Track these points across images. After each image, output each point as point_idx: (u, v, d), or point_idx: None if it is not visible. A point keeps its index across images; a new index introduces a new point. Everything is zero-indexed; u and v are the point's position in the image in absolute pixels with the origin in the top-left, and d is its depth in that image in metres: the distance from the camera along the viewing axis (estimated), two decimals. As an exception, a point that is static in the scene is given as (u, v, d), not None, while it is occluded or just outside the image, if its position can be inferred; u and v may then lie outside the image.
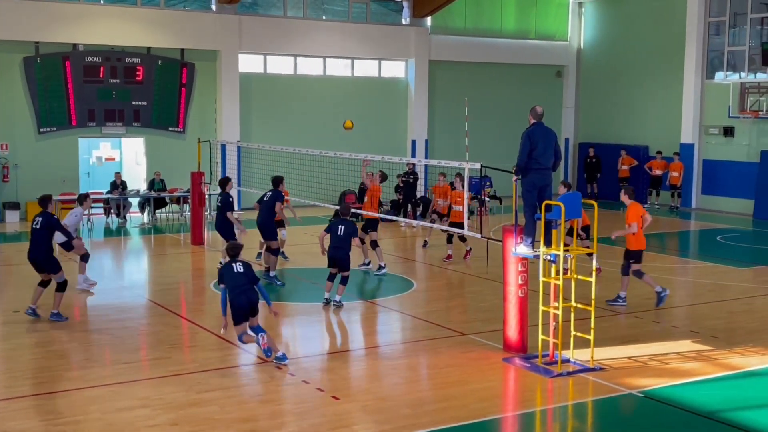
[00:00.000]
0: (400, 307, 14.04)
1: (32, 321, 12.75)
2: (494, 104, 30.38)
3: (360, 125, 28.37)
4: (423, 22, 29.24)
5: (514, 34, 31.06)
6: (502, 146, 27.54)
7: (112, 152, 26.28)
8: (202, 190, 20.31)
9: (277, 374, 10.31)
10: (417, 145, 29.24)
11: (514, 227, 10.80)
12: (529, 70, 31.41)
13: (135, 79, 24.85)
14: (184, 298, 15.08)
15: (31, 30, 23.31)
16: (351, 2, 28.32)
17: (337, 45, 27.86)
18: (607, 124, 31.04)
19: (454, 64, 30.07)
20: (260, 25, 26.59)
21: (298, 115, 27.47)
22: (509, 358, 10.78)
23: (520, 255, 10.77)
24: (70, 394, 9.46)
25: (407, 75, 29.39)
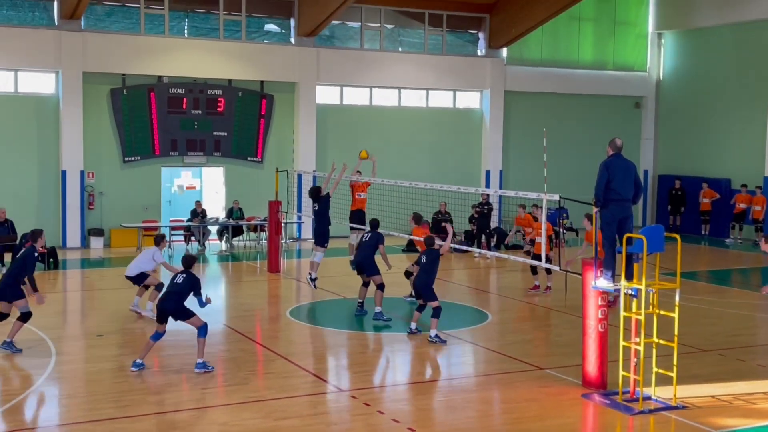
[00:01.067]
0: (474, 339, 13.93)
1: (116, 345, 13.07)
2: (571, 135, 30.09)
3: (434, 155, 28.51)
4: (499, 53, 29.25)
5: (592, 64, 30.80)
6: (578, 178, 27.19)
7: (193, 181, 26.90)
8: (279, 219, 20.61)
9: (352, 404, 10.33)
10: (491, 176, 29.13)
11: (594, 260, 10.64)
12: (607, 101, 31.06)
13: (216, 110, 25.46)
14: (260, 325, 15.27)
15: (119, 62, 24.15)
16: (427, 34, 28.54)
17: (413, 76, 28.06)
18: (687, 157, 30.40)
19: (530, 94, 29.94)
20: (337, 58, 27.00)
21: (373, 145, 27.63)
22: (588, 394, 10.58)
23: (599, 289, 10.60)
24: (151, 418, 9.64)
25: (482, 105, 29.39)
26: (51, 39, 23.32)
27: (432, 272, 13.72)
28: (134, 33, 24.54)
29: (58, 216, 23.79)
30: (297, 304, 17.02)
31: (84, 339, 13.73)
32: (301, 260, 22.73)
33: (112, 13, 24.74)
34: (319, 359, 12.91)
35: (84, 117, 23.75)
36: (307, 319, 15.51)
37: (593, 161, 10.85)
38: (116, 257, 22.44)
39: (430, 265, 13.73)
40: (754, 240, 26.81)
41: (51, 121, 23.74)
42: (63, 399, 10.55)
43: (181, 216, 25.30)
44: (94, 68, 23.83)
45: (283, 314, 15.79)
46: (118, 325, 14.62)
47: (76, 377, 11.41)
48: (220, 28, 25.56)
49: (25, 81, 23.66)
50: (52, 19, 23.71)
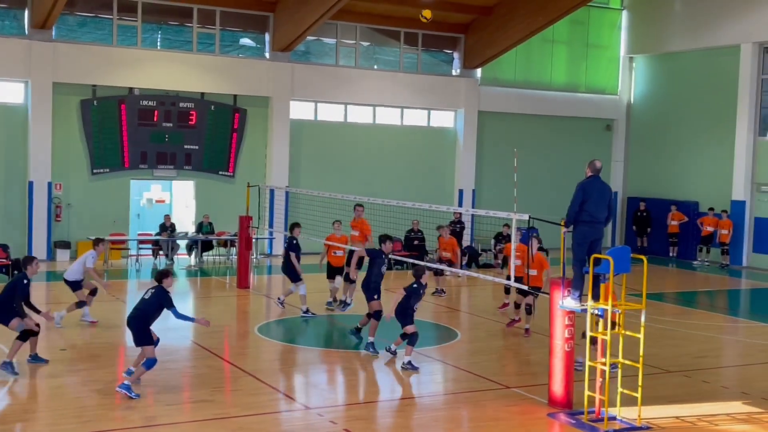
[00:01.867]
0: (443, 357, 13.91)
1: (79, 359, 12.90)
2: (543, 156, 30.32)
3: (408, 173, 28.57)
4: (473, 73, 29.44)
5: (564, 86, 31.09)
6: (549, 198, 27.36)
7: (162, 194, 26.72)
8: (250, 235, 20.50)
9: (319, 422, 10.25)
10: (464, 195, 29.24)
11: (561, 280, 10.68)
12: (579, 123, 31.36)
13: (188, 123, 25.33)
14: (228, 342, 15.12)
15: (89, 73, 23.98)
16: (402, 52, 28.66)
17: (388, 94, 28.15)
18: (656, 179, 30.73)
19: (504, 115, 30.14)
20: (312, 73, 27.02)
21: (347, 162, 27.71)
22: (554, 414, 10.59)
23: (567, 308, 10.64)
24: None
25: (456, 125, 29.54)
26: (21, 48, 23.11)
27: (413, 296, 13.17)
28: (106, 44, 24.40)
29: (24, 227, 23.49)
30: (266, 320, 16.90)
31: (47, 353, 13.50)
32: (271, 276, 22.61)
33: (84, 24, 24.59)
34: (287, 377, 12.82)
35: (53, 127, 23.53)
36: (276, 335, 15.40)
37: (565, 182, 10.99)
38: (83, 270, 22.13)
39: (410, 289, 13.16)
40: (720, 263, 27.10)
41: (19, 131, 23.48)
42: (24, 414, 10.36)
43: (149, 230, 25.08)
44: (65, 78, 23.64)
45: (251, 331, 15.67)
46: (82, 339, 14.42)
47: (39, 392, 11.22)
48: (193, 40, 25.49)
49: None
50: (22, 29, 23.51)
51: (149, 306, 11.46)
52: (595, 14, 31.22)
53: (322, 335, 15.62)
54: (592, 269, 10.15)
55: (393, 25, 28.24)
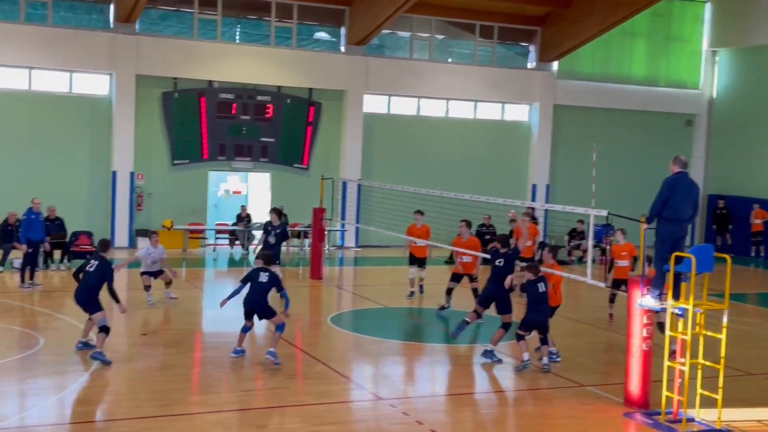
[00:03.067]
0: (515, 353, 13.80)
1: (160, 344, 13.24)
2: (620, 151, 29.77)
3: (481, 167, 28.39)
4: (549, 66, 29.09)
5: (644, 80, 30.46)
6: (627, 194, 26.86)
7: (239, 186, 27.17)
8: (323, 226, 20.69)
9: (391, 412, 10.30)
10: (538, 190, 28.94)
11: (641, 277, 10.49)
12: (658, 117, 30.69)
13: (264, 116, 25.68)
14: (301, 331, 15.31)
15: (171, 66, 24.52)
16: (477, 45, 28.49)
17: (461, 87, 28.03)
18: (738, 176, 29.86)
19: (580, 109, 29.70)
20: (386, 67, 27.08)
21: (420, 155, 27.70)
22: (630, 413, 10.42)
23: (645, 307, 10.44)
24: (192, 417, 9.72)
25: (530, 119, 29.24)
26: (106, 42, 23.76)
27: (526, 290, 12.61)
28: (187, 38, 24.91)
29: (107, 216, 24.18)
30: (338, 311, 17.06)
31: (128, 337, 13.90)
32: (343, 268, 22.78)
33: (166, 18, 25.15)
34: (359, 366, 12.91)
35: (136, 119, 24.15)
36: (348, 326, 15.52)
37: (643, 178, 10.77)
38: (162, 258, 22.70)
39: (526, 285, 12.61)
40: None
41: (104, 122, 24.16)
42: (106, 396, 10.69)
43: (226, 220, 25.56)
44: (147, 71, 24.21)
45: (324, 321, 15.83)
46: (163, 325, 14.79)
47: (120, 376, 11.56)
48: (271, 34, 25.81)
49: (80, 82, 24.12)
50: (107, 22, 24.17)
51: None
52: (677, 7, 30.50)
53: (394, 327, 15.67)
54: (674, 268, 9.92)
55: (468, 17, 28.08)
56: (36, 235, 18.15)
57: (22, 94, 23.51)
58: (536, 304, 12.41)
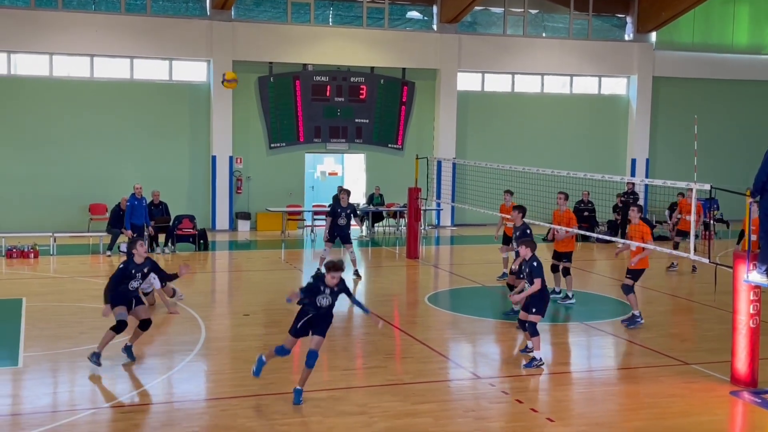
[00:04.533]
0: (616, 331, 13.58)
1: (261, 324, 13.58)
2: (723, 122, 28.76)
3: (578, 143, 27.90)
4: (647, 38, 28.26)
5: (747, 48, 29.27)
6: (730, 166, 25.96)
7: (335, 167, 27.49)
8: (418, 206, 20.74)
9: (490, 391, 10.30)
10: (637, 164, 28.24)
11: (747, 253, 10.15)
12: (762, 86, 29.46)
13: (359, 97, 25.87)
14: (399, 310, 15.44)
15: (266, 51, 24.94)
16: (572, 18, 27.91)
17: (556, 62, 27.55)
18: None
19: (680, 80, 28.79)
20: (479, 44, 26.84)
21: (515, 132, 27.41)
22: (737, 392, 10.12)
23: (752, 282, 10.10)
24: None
25: (629, 92, 28.51)
26: (203, 29, 24.34)
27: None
28: (281, 22, 25.26)
29: (208, 199, 24.86)
30: (435, 290, 17.10)
31: (231, 318, 14.31)
32: (439, 247, 22.80)
33: (260, 3, 25.57)
34: (458, 346, 12.93)
35: (233, 104, 24.68)
36: (445, 305, 15.56)
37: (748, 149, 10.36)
38: (262, 240, 23.27)
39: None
40: None
41: (203, 108, 24.80)
42: (211, 375, 11.04)
43: (323, 201, 25.88)
44: (243, 57, 24.70)
45: (421, 300, 15.91)
46: (264, 305, 15.15)
47: (224, 354, 11.91)
48: (363, 15, 25.91)
49: (179, 69, 24.82)
50: (204, 9, 24.74)
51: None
52: (783, -31, 29.14)
53: (492, 306, 15.61)
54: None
55: (563, -10, 27.56)
56: (139, 220, 18.95)
57: (125, 83, 24.35)
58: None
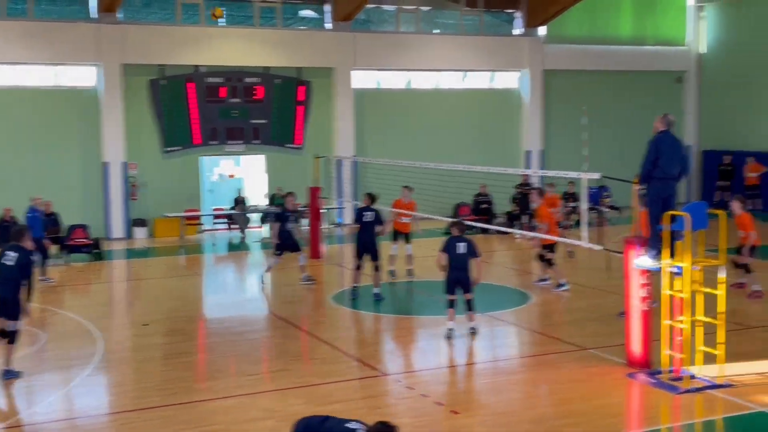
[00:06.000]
0: (516, 320, 13.89)
1: (162, 333, 13.28)
2: (612, 113, 29.74)
3: (474, 137, 28.35)
4: (536, 32, 28.95)
5: (631, 40, 30.35)
6: (620, 155, 26.86)
7: (233, 169, 27.14)
8: (320, 205, 20.68)
9: (396, 387, 10.37)
10: (532, 156, 28.92)
11: (636, 238, 10.52)
12: (648, 76, 30.60)
13: (254, 97, 25.60)
14: (304, 311, 15.37)
15: (157, 53, 24.38)
16: (463, 15, 28.33)
17: (450, 58, 27.92)
18: (731, 131, 29.84)
19: (570, 72, 29.62)
20: (374, 42, 26.95)
21: (413, 128, 27.65)
22: (633, 374, 10.49)
23: (642, 267, 10.48)
24: (198, 405, 9.77)
25: (521, 85, 29.14)
26: (90, 32, 23.60)
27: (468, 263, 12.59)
28: (171, 23, 24.75)
29: (101, 208, 24.14)
30: (340, 289, 17.10)
31: (130, 328, 13.96)
32: (343, 246, 22.80)
33: (148, 4, 25.00)
34: (363, 344, 12.98)
35: (125, 108, 24.05)
36: (350, 304, 15.56)
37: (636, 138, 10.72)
38: (160, 246, 22.77)
39: (467, 257, 12.51)
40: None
41: (92, 113, 24.05)
42: (111, 388, 10.75)
43: (222, 204, 25.56)
44: (134, 60, 24.08)
45: (326, 300, 15.88)
46: (165, 314, 14.83)
47: (124, 366, 11.61)
48: (255, 15, 25.65)
49: (66, 75, 23.98)
50: (89, 13, 23.97)
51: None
52: (661, -37, 30.33)
53: (396, 302, 15.71)
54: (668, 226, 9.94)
55: (453, -13, 27.94)
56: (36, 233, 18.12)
57: (9, 91, 23.37)
58: (455, 263, 12.30)
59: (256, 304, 15.79)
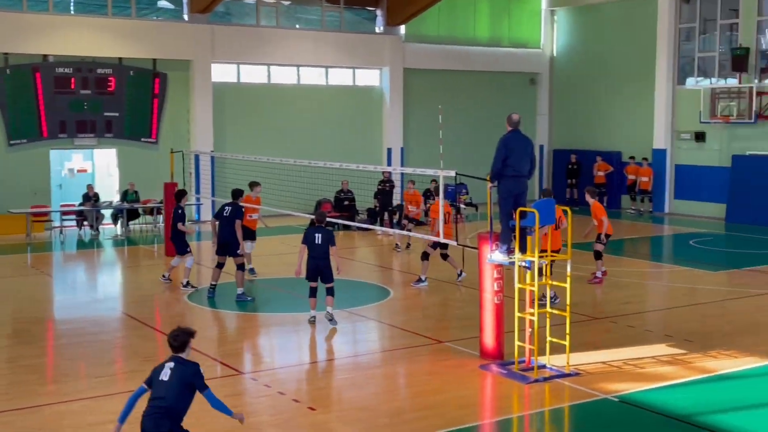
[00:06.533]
0: (376, 315, 14.00)
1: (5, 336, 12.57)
2: (469, 111, 30.48)
3: (336, 134, 28.41)
4: (397, 30, 29.30)
5: (488, 41, 31.21)
6: (476, 153, 27.59)
7: (84, 164, 26.04)
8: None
9: (252, 386, 10.23)
10: (393, 153, 29.26)
11: (489, 234, 10.81)
12: (503, 77, 31.56)
13: (107, 89, 24.67)
14: (159, 311, 14.94)
15: (1, 42, 23.07)
16: (324, 11, 28.32)
17: (311, 53, 27.83)
18: (581, 131, 31.23)
19: (429, 71, 30.14)
20: (233, 35, 26.51)
21: (273, 124, 27.41)
22: (486, 365, 10.78)
23: (495, 262, 10.78)
24: (43, 409, 9.32)
25: (382, 83, 29.42)
26: (-75, 16, 22.07)
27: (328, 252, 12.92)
28: (16, 10, 23.48)
29: (-60, 203, 22.65)
30: (196, 288, 16.70)
31: (-30, 331, 13.15)
32: (200, 243, 22.32)
33: (-9, -11, 23.62)
34: (219, 343, 12.73)
35: (-35, 99, 22.63)
36: (206, 303, 15.24)
37: (490, 137, 11.00)
38: (4, 244, 21.56)
39: (326, 246, 12.87)
40: (639, 210, 27.83)
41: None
42: (-53, 394, 10.08)
43: (72, 200, 24.44)
44: (-25, 47, 22.70)
45: (182, 299, 15.49)
46: (9, 315, 14.06)
47: (-38, 371, 10.92)
48: (108, 4, 24.70)
49: None
50: (-74, -4, 22.44)
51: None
52: (516, -32, 31.32)
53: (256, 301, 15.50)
54: (519, 222, 10.26)
55: (314, -17, 27.87)
56: None
57: None
58: (313, 252, 12.81)
59: (108, 304, 15.20)
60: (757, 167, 25.26)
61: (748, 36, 25.64)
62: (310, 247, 12.86)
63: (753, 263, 18.72)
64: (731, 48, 25.83)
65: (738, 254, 20.83)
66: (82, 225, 23.75)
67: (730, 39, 26.44)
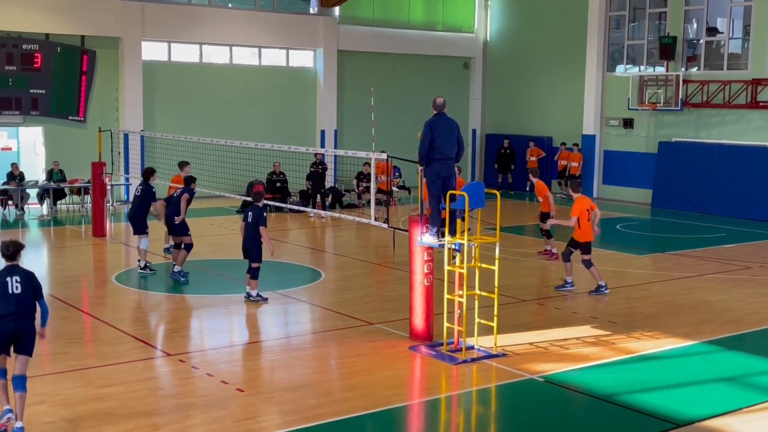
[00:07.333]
0: (308, 297, 13.99)
1: None
2: (402, 95, 30.54)
3: (269, 115, 28.17)
4: (331, 12, 29.13)
5: (422, 25, 31.27)
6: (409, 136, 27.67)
7: (8, 142, 25.31)
8: (104, 181, 19.77)
9: (180, 367, 10.14)
10: (326, 135, 29.15)
11: (420, 217, 10.88)
12: (437, 61, 31.68)
13: (33, 66, 23.99)
14: (86, 292, 14.66)
15: None
16: (258, -10, 27.98)
17: (244, 33, 27.50)
18: (513, 116, 31.59)
19: (363, 54, 30.07)
20: (164, 12, 26.01)
21: (204, 104, 27.03)
22: (415, 347, 10.88)
23: (425, 244, 10.86)
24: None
25: (316, 65, 29.25)
26: None
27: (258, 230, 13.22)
28: (-64, -19, 22.63)
29: None
30: (124, 269, 16.45)
31: None
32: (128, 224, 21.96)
33: None
34: (147, 324, 12.59)
35: None
36: (135, 284, 15.02)
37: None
38: (-77, 224, 20.86)
39: (255, 224, 13.22)
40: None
41: None
42: None
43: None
44: None
45: (109, 280, 15.23)
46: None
47: None
48: (34, -22, 23.97)
49: None
50: None
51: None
52: (451, -48, 31.40)
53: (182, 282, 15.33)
54: (449, 205, 10.36)
55: (248, -39, 27.49)
56: None
57: None
58: (246, 230, 13.30)
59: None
60: (683, 154, 25.93)
61: (676, 25, 26.26)
62: (245, 225, 13.44)
63: (677, 247, 19.26)
64: (659, 36, 26.43)
65: (663, 238, 21.40)
66: (6, 204, 23.11)
67: (658, 28, 27.04)
